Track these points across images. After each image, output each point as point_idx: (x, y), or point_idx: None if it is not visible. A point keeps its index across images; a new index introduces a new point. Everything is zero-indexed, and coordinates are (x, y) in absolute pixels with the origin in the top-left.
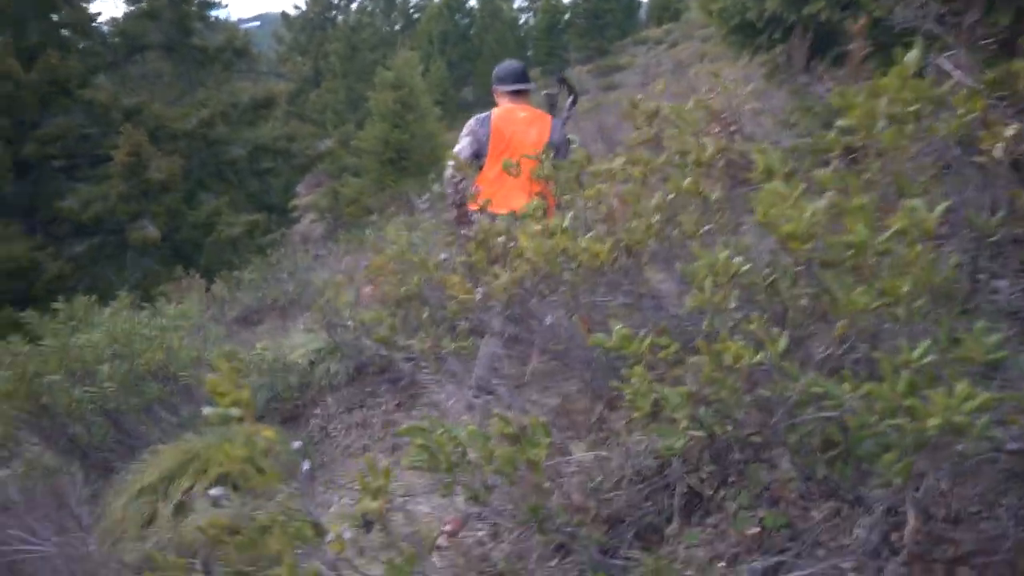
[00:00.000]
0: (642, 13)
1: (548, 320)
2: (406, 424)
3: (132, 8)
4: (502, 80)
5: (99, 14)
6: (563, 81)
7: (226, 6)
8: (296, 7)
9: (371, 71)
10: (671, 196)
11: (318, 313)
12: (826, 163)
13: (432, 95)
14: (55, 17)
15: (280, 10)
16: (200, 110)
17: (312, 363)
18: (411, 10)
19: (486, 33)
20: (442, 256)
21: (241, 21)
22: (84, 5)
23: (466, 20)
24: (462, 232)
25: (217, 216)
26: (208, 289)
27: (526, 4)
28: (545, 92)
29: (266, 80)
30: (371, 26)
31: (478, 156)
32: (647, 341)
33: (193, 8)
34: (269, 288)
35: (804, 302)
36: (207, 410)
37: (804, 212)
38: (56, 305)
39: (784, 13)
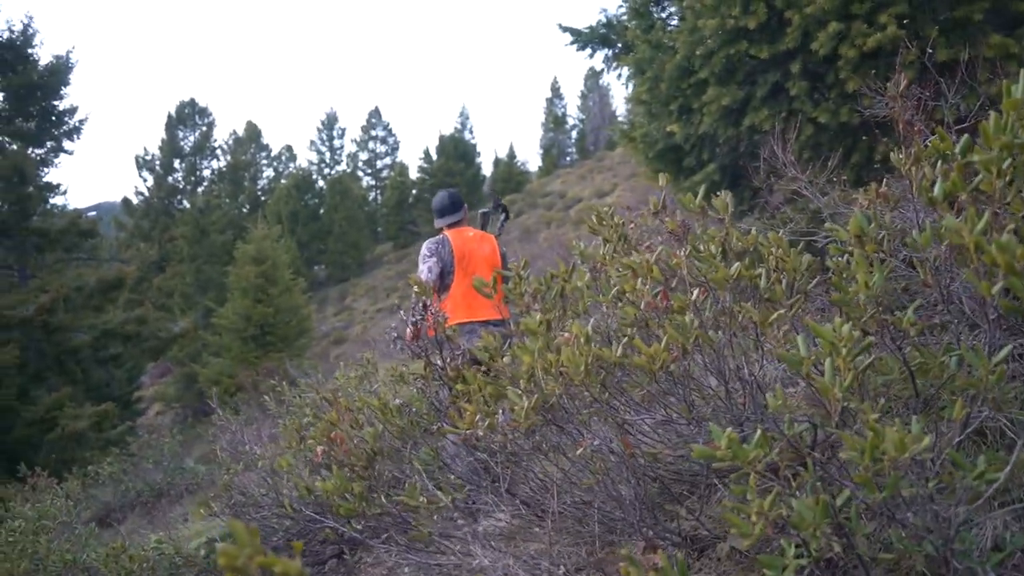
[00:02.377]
0: (486, 186)
1: (595, 442)
2: None
3: None
4: (441, 213)
5: None
6: (498, 205)
7: (64, 192)
8: (139, 193)
9: (221, 253)
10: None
11: (224, 492)
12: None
13: None
14: None
15: (119, 198)
16: (39, 296)
17: (212, 554)
18: (259, 192)
19: (335, 212)
20: (396, 401)
21: (77, 211)
22: None
23: (315, 200)
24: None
25: (58, 410)
26: (60, 484)
27: (374, 182)
28: (481, 211)
29: (109, 266)
30: (219, 208)
31: (444, 274)
32: (759, 447)
33: (32, 190)
34: (131, 481)
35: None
36: None
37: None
38: None
39: (719, 130)
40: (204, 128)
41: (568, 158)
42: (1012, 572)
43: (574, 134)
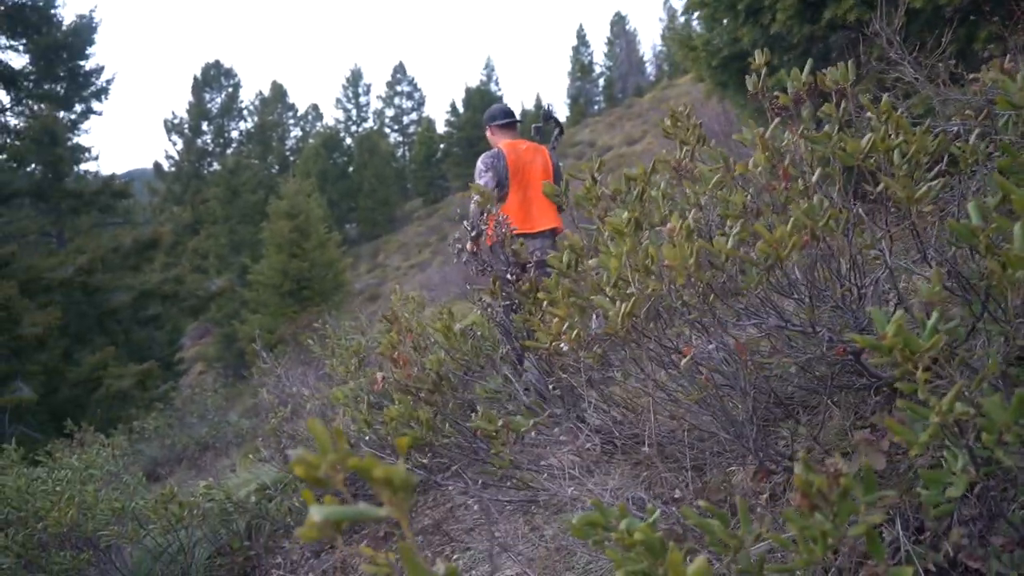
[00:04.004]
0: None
1: (710, 346)
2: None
3: None
4: (495, 117)
5: None
6: (550, 117)
7: (96, 157)
8: (169, 157)
9: (253, 213)
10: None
11: (272, 436)
12: None
13: None
14: None
15: (151, 164)
16: (77, 257)
17: (263, 500)
18: (287, 152)
19: (365, 169)
20: (457, 327)
21: (111, 175)
22: None
23: (343, 158)
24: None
25: (102, 369)
26: (106, 440)
27: (402, 138)
28: (535, 125)
29: (144, 228)
30: (249, 169)
31: (499, 187)
32: (932, 335)
33: (63, 153)
34: (176, 436)
35: None
36: None
37: None
38: None
39: (794, 28)
40: (230, 89)
41: (596, 107)
42: None
43: (601, 82)
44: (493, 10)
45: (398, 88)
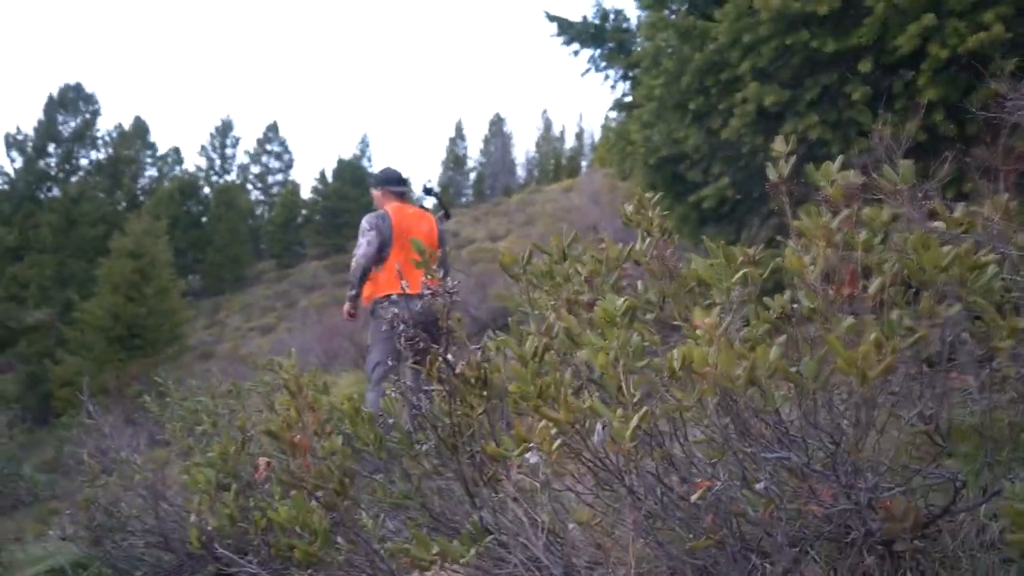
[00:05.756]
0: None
1: (758, 486)
2: None
3: None
4: (388, 182)
5: None
6: (430, 192)
7: None
8: (4, 174)
9: (89, 248)
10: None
11: (84, 508)
12: None
13: None
14: None
15: None
16: None
17: None
18: (138, 191)
19: (219, 222)
20: (366, 407)
21: None
22: None
23: (199, 207)
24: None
25: None
26: None
27: (264, 198)
28: (421, 205)
29: None
30: (94, 201)
31: (382, 248)
32: None
33: None
34: None
35: None
36: None
37: None
38: None
39: (746, 137)
40: (87, 116)
41: (464, 199)
42: None
43: (472, 176)
44: (376, 89)
45: (268, 147)
